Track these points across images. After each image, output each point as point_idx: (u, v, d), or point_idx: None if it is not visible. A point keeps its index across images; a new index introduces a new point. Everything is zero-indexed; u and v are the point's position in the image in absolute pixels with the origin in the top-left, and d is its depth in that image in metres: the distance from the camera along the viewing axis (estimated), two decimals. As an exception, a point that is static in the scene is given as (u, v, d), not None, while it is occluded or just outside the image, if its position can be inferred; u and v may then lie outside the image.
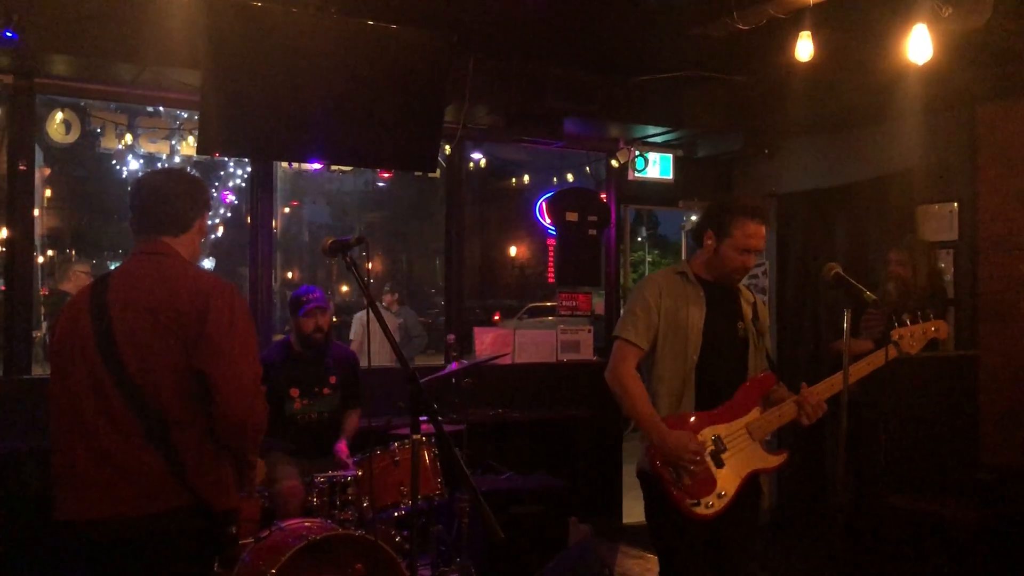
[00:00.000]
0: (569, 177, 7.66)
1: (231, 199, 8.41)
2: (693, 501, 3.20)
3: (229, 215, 9.00)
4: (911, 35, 4.45)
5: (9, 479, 4.84)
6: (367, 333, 7.54)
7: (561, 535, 5.18)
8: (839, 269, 3.37)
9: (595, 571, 4.31)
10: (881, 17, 4.74)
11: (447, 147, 6.44)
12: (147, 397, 2.47)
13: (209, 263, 10.24)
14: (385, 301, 9.10)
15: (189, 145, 6.64)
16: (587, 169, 7.72)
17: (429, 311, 18.18)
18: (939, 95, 5.51)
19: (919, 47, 4.47)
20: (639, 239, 26.66)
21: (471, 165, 7.03)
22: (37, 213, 6.67)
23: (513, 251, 20.15)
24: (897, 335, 3.46)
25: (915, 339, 3.47)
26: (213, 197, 8.14)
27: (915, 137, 6.02)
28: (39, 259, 8.59)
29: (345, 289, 20.68)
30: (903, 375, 4.72)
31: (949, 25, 4.45)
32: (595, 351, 7.08)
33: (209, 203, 2.88)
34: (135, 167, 7.55)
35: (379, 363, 6.60)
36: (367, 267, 3.02)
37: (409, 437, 2.91)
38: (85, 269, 7.41)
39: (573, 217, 7.01)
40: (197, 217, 2.76)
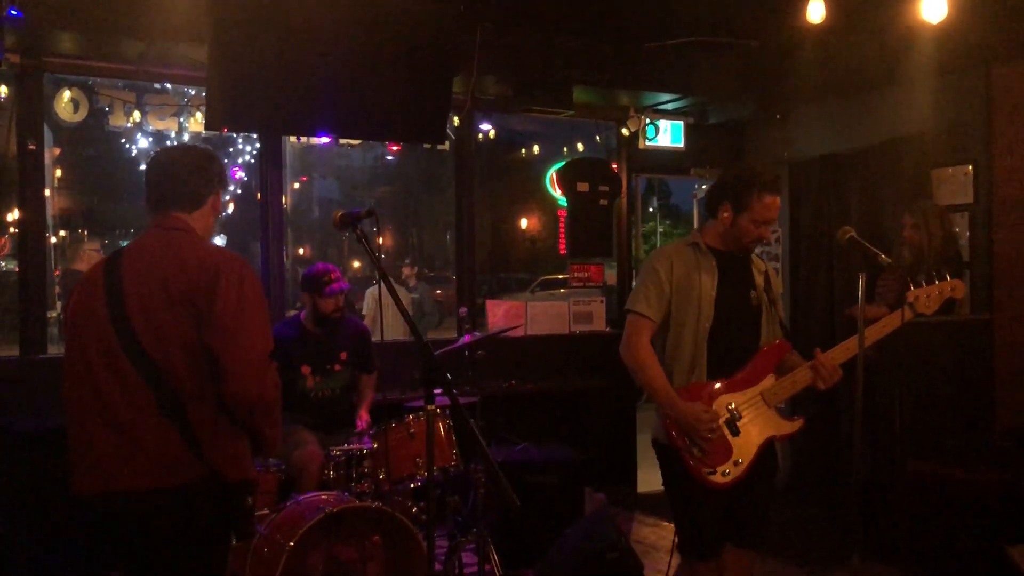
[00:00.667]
0: (579, 147, 7.60)
1: (240, 175, 8.40)
2: (709, 469, 3.20)
3: (239, 192, 9.01)
4: (925, -7, 4.39)
5: (26, 459, 4.86)
6: (379, 307, 7.55)
7: (576, 505, 5.20)
8: (853, 233, 3.34)
9: (611, 540, 4.33)
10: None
11: (456, 119, 6.39)
12: (161, 370, 2.47)
13: (220, 240, 10.25)
14: (404, 274, 9.09)
15: (197, 121, 6.62)
16: (597, 138, 7.66)
17: (442, 285, 18.20)
18: (953, 56, 5.43)
19: (934, 5, 4.40)
20: (651, 209, 26.58)
21: (480, 137, 6.96)
22: (48, 193, 6.70)
23: (524, 223, 20.07)
24: (912, 296, 3.41)
25: (931, 300, 3.41)
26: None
27: (929, 99, 5.94)
28: (51, 239, 8.63)
29: (356, 265, 20.70)
30: (918, 339, 4.69)
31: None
32: (607, 322, 7.06)
33: (224, 180, 2.86)
34: (144, 145, 7.56)
35: (392, 337, 6.61)
36: (377, 242, 3.00)
37: (424, 409, 2.92)
38: (96, 248, 7.44)
39: (584, 188, 6.94)
40: (211, 194, 2.74)
